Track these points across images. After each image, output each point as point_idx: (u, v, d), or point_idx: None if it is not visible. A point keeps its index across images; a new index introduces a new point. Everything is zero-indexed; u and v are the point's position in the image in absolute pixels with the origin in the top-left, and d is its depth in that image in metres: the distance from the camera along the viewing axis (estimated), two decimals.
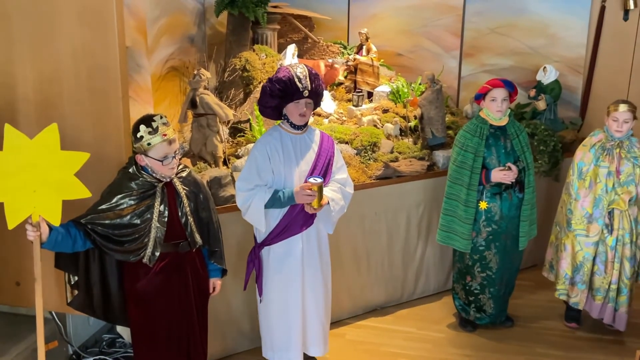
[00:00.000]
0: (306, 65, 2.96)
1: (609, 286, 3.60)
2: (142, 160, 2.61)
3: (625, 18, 4.96)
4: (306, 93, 2.87)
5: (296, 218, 2.96)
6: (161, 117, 2.60)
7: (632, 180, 3.52)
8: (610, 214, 3.55)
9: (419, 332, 3.86)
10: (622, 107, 3.49)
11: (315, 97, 2.95)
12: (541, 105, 4.81)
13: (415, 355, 3.61)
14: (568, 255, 3.69)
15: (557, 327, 3.90)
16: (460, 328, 3.88)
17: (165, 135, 2.57)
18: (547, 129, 4.53)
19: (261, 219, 2.92)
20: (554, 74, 4.85)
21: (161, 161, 2.58)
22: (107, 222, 2.54)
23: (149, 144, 2.56)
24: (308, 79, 2.87)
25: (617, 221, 3.54)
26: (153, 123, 2.56)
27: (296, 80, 2.84)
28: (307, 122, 3.02)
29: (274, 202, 2.89)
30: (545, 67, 4.88)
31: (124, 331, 3.54)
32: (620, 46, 4.99)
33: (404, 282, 4.17)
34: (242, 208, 2.97)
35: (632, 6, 4.86)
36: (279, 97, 2.89)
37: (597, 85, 5.09)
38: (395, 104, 4.64)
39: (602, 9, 4.97)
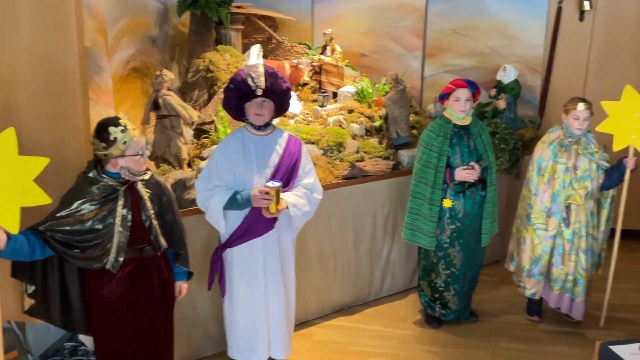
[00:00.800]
0: (265, 65, 2.94)
1: (566, 277, 3.71)
2: (117, 164, 2.56)
3: (581, 19, 5.10)
4: (259, 92, 2.85)
5: (257, 221, 2.94)
6: (124, 115, 2.60)
7: (588, 175, 3.62)
8: (568, 208, 3.66)
9: (386, 330, 3.89)
10: (582, 106, 3.59)
11: (273, 97, 2.92)
12: (501, 104, 4.91)
13: (383, 353, 3.64)
14: (528, 249, 3.79)
15: (520, 320, 3.99)
16: (426, 325, 3.93)
17: (135, 129, 2.57)
18: (508, 128, 4.62)
19: (220, 220, 2.92)
20: (513, 73, 4.96)
21: (141, 155, 2.57)
22: (67, 228, 2.48)
23: (125, 142, 2.52)
24: (262, 78, 2.85)
25: (574, 215, 3.65)
26: (120, 121, 2.54)
27: (248, 79, 2.84)
28: (268, 122, 2.99)
29: (232, 203, 2.87)
30: (504, 67, 4.98)
31: (86, 338, 3.46)
32: (577, 46, 5.13)
33: (370, 280, 4.20)
34: (202, 208, 2.98)
35: (587, 7, 5.00)
36: (235, 97, 2.89)
37: (554, 84, 5.22)
38: (360, 104, 4.67)
39: (559, 10, 5.11)
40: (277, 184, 2.82)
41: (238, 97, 2.88)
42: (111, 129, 2.51)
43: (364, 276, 4.16)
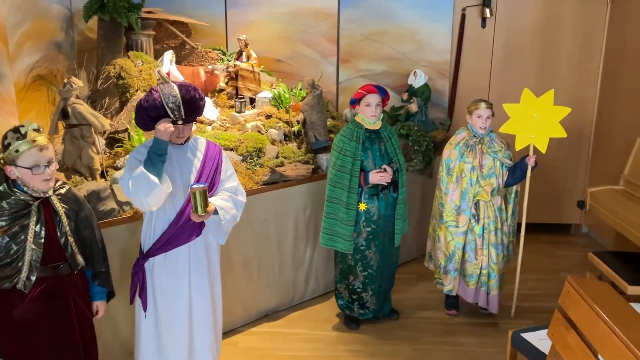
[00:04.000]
0: (180, 87, 2.79)
1: (480, 271, 3.91)
2: (12, 172, 2.41)
3: (483, 25, 5.41)
4: (180, 122, 2.78)
5: (183, 228, 2.85)
6: (32, 125, 2.44)
7: (493, 173, 3.84)
8: (477, 205, 3.86)
9: (311, 332, 3.93)
10: (483, 105, 3.81)
11: (192, 118, 2.87)
12: (413, 107, 5.11)
13: (308, 356, 3.67)
14: (442, 246, 3.95)
15: (439, 315, 4.16)
16: (344, 327, 3.99)
17: (35, 141, 2.39)
18: (420, 130, 4.81)
19: (147, 177, 2.65)
20: (423, 78, 5.17)
21: (30, 169, 2.39)
22: None
23: (17, 150, 2.38)
24: (182, 108, 2.74)
25: (483, 211, 3.85)
26: (22, 129, 2.40)
27: (169, 111, 2.73)
28: (187, 137, 2.94)
29: (150, 158, 2.69)
30: (415, 72, 5.18)
31: None
32: (480, 51, 5.44)
33: (294, 284, 4.23)
34: (127, 188, 2.71)
35: (488, 15, 5.32)
36: (153, 122, 2.78)
37: (461, 87, 5.50)
38: (278, 109, 4.69)
39: (463, 17, 5.38)
40: (202, 185, 2.76)
41: (156, 122, 2.78)
42: (9, 133, 2.40)
43: (288, 280, 4.18)
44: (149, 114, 2.75)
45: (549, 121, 3.78)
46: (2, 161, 2.44)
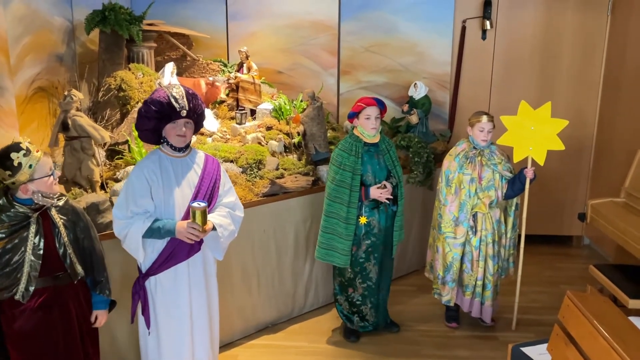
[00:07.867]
0: (183, 85, 2.89)
1: (475, 282, 3.91)
2: (28, 190, 2.45)
3: (484, 37, 5.43)
4: (184, 113, 2.79)
5: (182, 245, 2.84)
6: (25, 139, 2.51)
7: (492, 185, 3.84)
8: (475, 216, 3.85)
9: (310, 345, 3.91)
10: (485, 118, 3.81)
11: (195, 117, 2.89)
12: (414, 119, 5.11)
13: None
14: (440, 257, 3.95)
15: (439, 328, 4.13)
16: (344, 339, 3.97)
17: (38, 150, 2.48)
18: (421, 142, 4.81)
19: (138, 249, 2.78)
20: (423, 89, 5.18)
21: (51, 175, 2.50)
22: None
23: (30, 166, 2.43)
24: (185, 99, 2.79)
25: (480, 223, 3.85)
26: (21, 145, 2.44)
27: (172, 100, 2.76)
28: (189, 143, 2.95)
29: (152, 233, 2.76)
30: (415, 84, 5.19)
31: None
32: (480, 63, 5.45)
33: (294, 297, 4.21)
34: (119, 237, 2.83)
35: (488, 27, 5.34)
36: (156, 118, 2.79)
37: (462, 99, 5.51)
38: (279, 121, 4.70)
39: (463, 29, 5.40)
40: (202, 204, 2.74)
41: (158, 118, 2.79)
42: (13, 155, 2.41)
43: (288, 293, 4.17)
44: (156, 107, 2.75)
45: (547, 133, 3.77)
46: (10, 181, 2.46)
